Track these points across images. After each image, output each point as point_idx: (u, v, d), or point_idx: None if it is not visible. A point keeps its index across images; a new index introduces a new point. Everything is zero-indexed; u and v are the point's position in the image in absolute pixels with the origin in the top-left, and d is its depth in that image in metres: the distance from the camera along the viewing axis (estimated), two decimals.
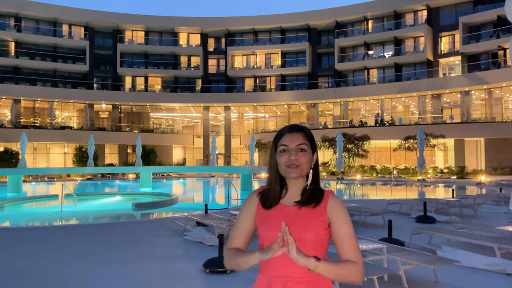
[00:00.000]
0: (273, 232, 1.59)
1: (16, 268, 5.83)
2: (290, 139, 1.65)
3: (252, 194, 1.75)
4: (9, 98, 34.95)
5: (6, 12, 36.69)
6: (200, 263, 5.85)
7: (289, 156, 1.63)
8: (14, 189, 18.31)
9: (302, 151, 1.64)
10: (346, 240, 1.60)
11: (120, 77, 40.65)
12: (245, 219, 1.71)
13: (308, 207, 1.63)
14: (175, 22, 41.44)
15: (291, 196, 1.68)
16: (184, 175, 32.18)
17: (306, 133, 1.68)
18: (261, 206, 1.69)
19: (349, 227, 1.62)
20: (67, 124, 38.13)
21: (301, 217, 1.62)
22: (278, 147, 1.68)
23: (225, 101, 39.63)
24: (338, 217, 1.62)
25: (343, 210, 1.64)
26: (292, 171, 1.63)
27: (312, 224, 1.60)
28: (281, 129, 1.74)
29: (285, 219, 1.60)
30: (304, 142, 1.65)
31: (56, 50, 38.75)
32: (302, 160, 1.63)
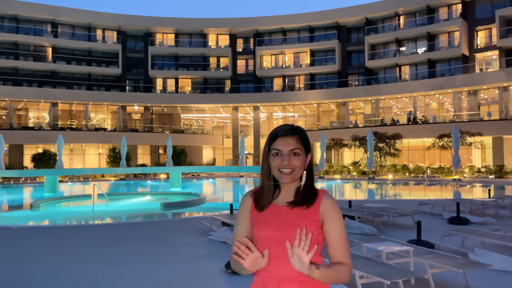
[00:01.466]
0: (265, 232, 1.60)
1: (49, 267, 6.02)
2: (284, 143, 1.63)
3: (245, 196, 1.74)
4: (47, 102, 36.39)
5: (44, 18, 38.23)
6: (223, 263, 5.84)
7: (282, 160, 1.62)
8: (51, 189, 19.02)
9: (295, 155, 1.63)
10: (337, 241, 1.61)
11: (151, 79, 41.51)
12: (242, 222, 1.71)
13: (301, 208, 1.62)
14: (204, 24, 41.91)
15: (284, 196, 1.68)
16: (214, 175, 32.46)
17: (300, 136, 1.66)
18: (255, 207, 1.68)
19: (341, 228, 1.62)
20: (102, 126, 39.31)
21: (294, 217, 1.61)
22: (271, 150, 1.65)
23: (254, 101, 39.69)
24: (331, 218, 1.62)
25: (336, 210, 1.63)
26: (286, 177, 1.62)
27: (305, 223, 1.59)
28: (274, 130, 1.69)
29: (278, 219, 1.61)
30: (297, 147, 1.63)
31: (90, 54, 40.04)
32: (295, 164, 1.62)
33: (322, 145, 28.74)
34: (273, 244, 1.59)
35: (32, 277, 5.47)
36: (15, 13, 37.01)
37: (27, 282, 5.28)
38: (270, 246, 1.59)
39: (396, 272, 4.53)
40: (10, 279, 5.35)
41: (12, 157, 33.10)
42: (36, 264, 6.17)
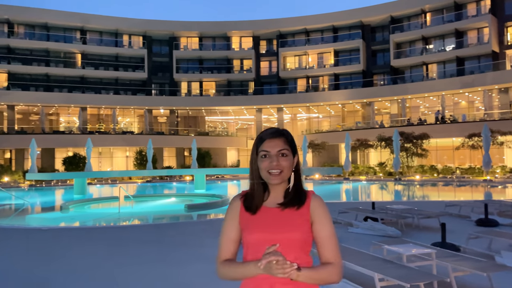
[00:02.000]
0: (256, 235, 1.61)
1: (74, 266, 6.22)
2: (272, 145, 1.65)
3: (234, 199, 1.75)
4: (77, 106, 37.53)
5: (73, 26, 39.46)
6: None
7: (271, 162, 1.63)
8: (80, 191, 19.60)
9: (283, 156, 1.65)
10: (326, 240, 1.62)
11: (176, 82, 42.15)
12: (230, 225, 1.70)
13: (292, 209, 1.64)
14: (227, 26, 42.26)
15: (273, 198, 1.69)
16: (238, 176, 32.62)
17: (287, 138, 1.69)
18: (245, 210, 1.68)
19: (330, 228, 1.64)
20: (129, 129, 40.20)
21: (285, 218, 1.63)
22: (259, 152, 1.67)
23: (278, 102, 39.67)
24: (320, 217, 1.64)
25: (324, 210, 1.66)
26: (274, 178, 1.64)
27: (297, 223, 1.62)
28: (261, 133, 1.72)
29: (269, 220, 1.63)
30: (285, 148, 1.66)
31: (117, 60, 41.04)
32: (284, 165, 1.64)
33: (347, 146, 28.43)
34: (266, 245, 1.56)
35: (58, 276, 5.66)
36: (46, 22, 38.37)
37: (53, 280, 5.47)
38: (262, 248, 1.58)
39: (416, 275, 4.45)
40: (37, 278, 5.56)
41: (44, 160, 34.28)
42: (62, 263, 6.38)
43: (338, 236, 6.23)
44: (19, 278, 5.54)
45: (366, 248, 6.20)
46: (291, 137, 1.71)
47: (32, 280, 5.47)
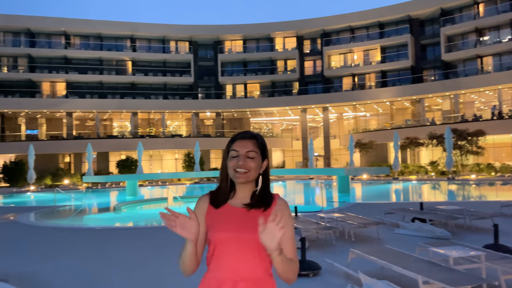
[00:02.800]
0: (223, 233, 1.67)
1: (123, 264, 6.55)
2: (241, 145, 1.73)
3: (201, 198, 1.81)
4: (128, 112, 39.26)
5: (123, 35, 41.33)
6: None
7: (238, 161, 1.70)
8: (132, 193, 20.48)
9: (250, 158, 1.71)
10: (287, 240, 1.69)
11: (221, 85, 42.90)
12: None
13: (258, 210, 1.71)
14: (270, 28, 42.41)
15: (239, 199, 1.75)
16: (283, 177, 32.61)
17: (258, 141, 1.76)
18: (211, 208, 1.74)
19: (291, 229, 1.72)
20: (177, 133, 41.44)
21: (251, 218, 1.68)
22: (230, 151, 1.74)
23: (323, 102, 39.23)
24: (285, 220, 1.66)
25: (288, 212, 1.74)
26: (240, 176, 1.70)
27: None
28: (235, 134, 1.80)
29: (235, 220, 1.68)
30: (253, 150, 1.72)
31: (165, 65, 42.46)
32: (250, 165, 1.70)
33: (395, 145, 27.58)
34: (231, 244, 1.65)
35: (108, 273, 5.98)
36: (99, 32, 40.46)
37: (104, 277, 5.79)
38: (228, 247, 1.66)
39: (463, 278, 4.27)
40: (90, 274, 5.91)
41: (99, 163, 36.16)
42: (113, 261, 6.73)
43: (384, 237, 6.11)
44: (73, 275, 5.92)
45: (412, 250, 6.02)
46: (262, 141, 1.78)
47: (85, 276, 5.83)
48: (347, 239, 7.88)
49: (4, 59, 38.89)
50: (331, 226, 8.12)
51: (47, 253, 7.54)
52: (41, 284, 5.41)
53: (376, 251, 5.63)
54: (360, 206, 13.31)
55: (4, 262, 6.79)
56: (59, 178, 31.49)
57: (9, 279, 5.50)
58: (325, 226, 8.00)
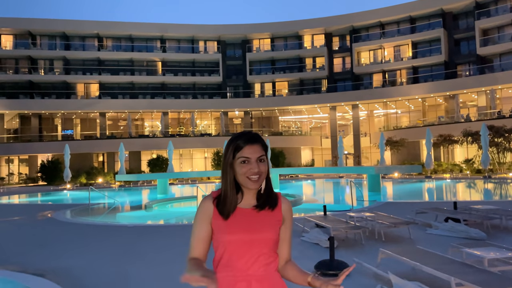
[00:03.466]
0: (235, 236, 1.68)
1: (153, 260, 6.68)
2: (251, 151, 1.70)
3: (205, 200, 1.77)
4: (159, 111, 40.02)
5: (153, 36, 42.14)
6: (313, 265, 5.86)
7: (251, 168, 1.69)
8: (162, 191, 20.87)
9: (262, 162, 1.72)
10: (287, 240, 1.79)
11: (250, 84, 43.03)
12: (201, 226, 1.75)
13: (267, 210, 1.74)
14: (298, 25, 42.16)
15: (247, 200, 1.76)
16: (312, 176, 32.37)
17: (262, 143, 1.75)
18: (218, 214, 1.72)
19: (291, 229, 1.82)
20: (206, 132, 41.90)
21: (262, 219, 1.72)
22: (237, 158, 1.70)
23: (352, 99, 38.67)
24: (288, 218, 1.79)
25: (291, 211, 1.81)
26: (254, 183, 1.69)
27: (272, 224, 1.73)
28: (236, 138, 1.73)
29: (246, 221, 1.70)
30: (263, 153, 1.73)
31: (194, 65, 43.01)
32: (263, 170, 1.71)
33: (428, 143, 26.85)
34: (243, 245, 1.68)
35: (138, 270, 6.12)
36: (130, 33, 41.42)
37: (134, 273, 5.93)
38: (240, 248, 1.68)
39: (498, 280, 4.11)
40: (120, 271, 6.07)
41: (131, 162, 37.05)
42: (143, 258, 6.88)
43: (416, 237, 5.97)
44: (106, 270, 6.09)
45: (445, 251, 5.84)
46: (264, 141, 1.77)
47: (117, 272, 5.99)
48: (377, 239, 7.74)
49: (41, 62, 40.47)
50: (361, 225, 7.99)
51: (80, 249, 7.80)
52: (75, 279, 5.60)
53: (407, 252, 5.50)
54: (391, 205, 13.04)
55: (41, 258, 7.07)
56: (93, 177, 32.49)
57: (45, 274, 5.73)
58: (355, 225, 7.88)
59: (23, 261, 6.79)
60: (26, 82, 39.17)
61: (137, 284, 5.43)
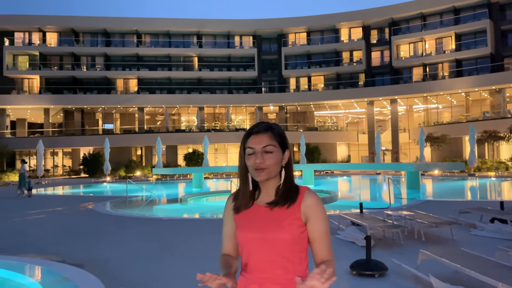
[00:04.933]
0: (246, 234, 1.59)
1: (186, 253, 6.72)
2: (256, 141, 1.58)
3: (229, 198, 1.73)
4: (195, 106, 40.55)
5: (190, 31, 42.65)
6: (348, 264, 5.69)
7: (255, 159, 1.57)
8: (198, 185, 21.13)
9: (269, 153, 1.57)
10: (321, 238, 1.56)
11: (285, 79, 42.75)
12: (226, 224, 1.71)
13: (282, 207, 1.58)
14: (335, 18, 41.39)
15: (264, 196, 1.63)
16: (348, 172, 31.80)
17: (274, 132, 1.60)
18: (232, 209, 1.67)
19: (324, 225, 1.57)
20: (241, 126, 42.06)
21: (274, 217, 1.57)
22: (245, 148, 1.60)
23: (391, 93, 37.59)
24: (315, 215, 1.57)
25: (319, 207, 1.58)
26: (260, 175, 1.57)
27: (285, 223, 1.55)
28: (249, 128, 1.64)
29: (258, 219, 1.59)
30: (270, 143, 1.58)
31: (230, 60, 43.20)
32: (269, 162, 1.57)
33: (471, 139, 25.67)
34: (255, 245, 1.57)
35: (172, 262, 6.16)
36: (168, 29, 42.12)
37: (169, 266, 5.97)
38: (252, 248, 1.58)
39: None
40: (155, 263, 6.13)
41: (168, 156, 37.81)
42: (177, 251, 6.94)
43: (459, 239, 5.65)
44: (141, 262, 6.18)
45: (491, 253, 5.50)
46: (280, 132, 1.62)
47: (152, 264, 6.05)
48: (416, 239, 7.43)
49: (83, 58, 41.93)
50: (399, 224, 7.70)
51: (118, 241, 7.97)
52: (112, 270, 5.70)
53: (449, 254, 5.21)
54: (431, 203, 12.54)
55: (80, 248, 7.28)
56: (131, 170, 33.42)
57: (83, 264, 5.87)
58: (392, 224, 7.60)
59: (63, 251, 7.01)
60: (70, 78, 40.73)
61: (170, 277, 5.46)
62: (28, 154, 37.84)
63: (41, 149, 27.40)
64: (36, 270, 5.64)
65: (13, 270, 5.49)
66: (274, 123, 1.69)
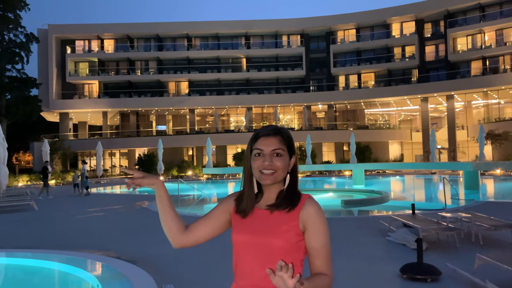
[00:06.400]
0: (242, 236, 1.54)
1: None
2: (266, 143, 1.54)
3: (230, 196, 1.67)
4: (243, 107, 41.01)
5: (238, 33, 43.18)
6: (398, 267, 5.52)
7: (264, 161, 1.52)
8: None
9: (278, 156, 1.53)
10: (319, 250, 1.50)
11: (334, 77, 42.09)
12: (217, 214, 1.64)
13: (282, 212, 1.53)
14: (386, 13, 40.13)
15: (266, 200, 1.59)
16: (401, 172, 30.73)
17: (283, 137, 1.57)
18: (235, 213, 1.60)
19: (324, 236, 1.51)
20: (289, 126, 41.95)
21: (272, 221, 1.52)
22: (253, 150, 1.55)
23: (447, 89, 35.82)
24: (314, 225, 1.50)
25: (319, 217, 1.51)
26: (266, 178, 1.52)
27: (283, 229, 1.49)
28: (257, 130, 1.59)
29: (256, 223, 1.54)
30: (280, 147, 1.54)
31: (277, 60, 43.23)
32: (278, 165, 1.52)
33: None
34: (249, 248, 1.51)
35: (222, 261, 6.29)
36: (217, 32, 42.92)
37: (218, 264, 6.11)
38: (246, 251, 1.52)
39: None
40: (205, 261, 6.28)
41: (218, 156, 38.55)
42: (226, 249, 7.06)
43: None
44: (192, 260, 6.36)
45: None
46: (288, 136, 1.59)
47: (202, 262, 6.22)
48: (473, 242, 7.05)
49: (137, 63, 43.79)
50: (455, 226, 7.34)
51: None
52: (162, 267, 5.93)
53: (509, 259, 4.90)
54: (491, 205, 11.82)
55: (134, 245, 7.63)
56: (183, 170, 34.44)
57: (137, 261, 6.15)
58: (447, 226, 7.25)
59: (119, 247, 7.39)
60: (126, 82, 42.71)
61: (218, 278, 5.58)
62: (89, 155, 40.14)
63: (100, 150, 28.97)
64: (94, 266, 5.99)
65: (74, 265, 5.87)
66: (282, 126, 1.67)
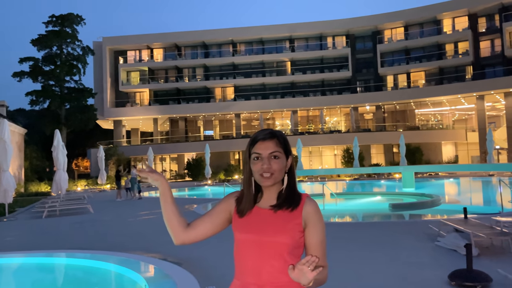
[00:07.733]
0: (246, 235, 1.62)
1: None
2: (263, 147, 1.64)
3: (231, 195, 1.74)
4: (288, 110, 40.98)
5: (282, 37, 43.28)
6: (447, 274, 5.31)
7: (262, 164, 1.62)
8: None
9: (275, 158, 1.63)
10: (317, 245, 1.62)
11: (381, 77, 41.01)
12: (218, 212, 1.72)
13: (285, 211, 1.62)
14: (436, 9, 38.57)
15: (266, 200, 1.68)
16: (455, 174, 29.31)
17: (279, 140, 1.66)
18: (236, 213, 1.68)
19: (322, 233, 1.63)
20: (336, 128, 41.36)
21: (277, 220, 1.61)
22: (251, 154, 1.66)
23: (505, 86, 33.76)
24: (313, 222, 1.62)
25: (318, 215, 1.64)
26: (266, 180, 1.62)
27: (288, 227, 1.59)
28: (254, 135, 1.67)
29: (260, 222, 1.62)
30: (277, 150, 1.63)
31: (322, 62, 42.82)
32: (275, 167, 1.62)
33: None
34: (253, 247, 1.59)
35: None
36: (261, 37, 43.29)
37: None
38: (250, 249, 1.60)
39: None
40: None
41: None
42: None
43: None
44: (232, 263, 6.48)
45: None
46: (284, 138, 1.68)
47: None
48: None
49: (185, 71, 45.11)
50: (510, 231, 6.92)
51: (212, 240, 8.43)
52: (205, 269, 6.09)
53: None
54: None
55: (180, 248, 7.87)
56: (230, 174, 34.95)
57: (182, 262, 6.36)
58: (501, 231, 6.86)
59: (166, 249, 7.66)
60: (174, 89, 44.11)
61: None
62: (141, 160, 41.82)
63: (151, 155, 30.13)
64: (143, 267, 6.27)
65: (125, 266, 6.18)
66: (278, 130, 1.77)
